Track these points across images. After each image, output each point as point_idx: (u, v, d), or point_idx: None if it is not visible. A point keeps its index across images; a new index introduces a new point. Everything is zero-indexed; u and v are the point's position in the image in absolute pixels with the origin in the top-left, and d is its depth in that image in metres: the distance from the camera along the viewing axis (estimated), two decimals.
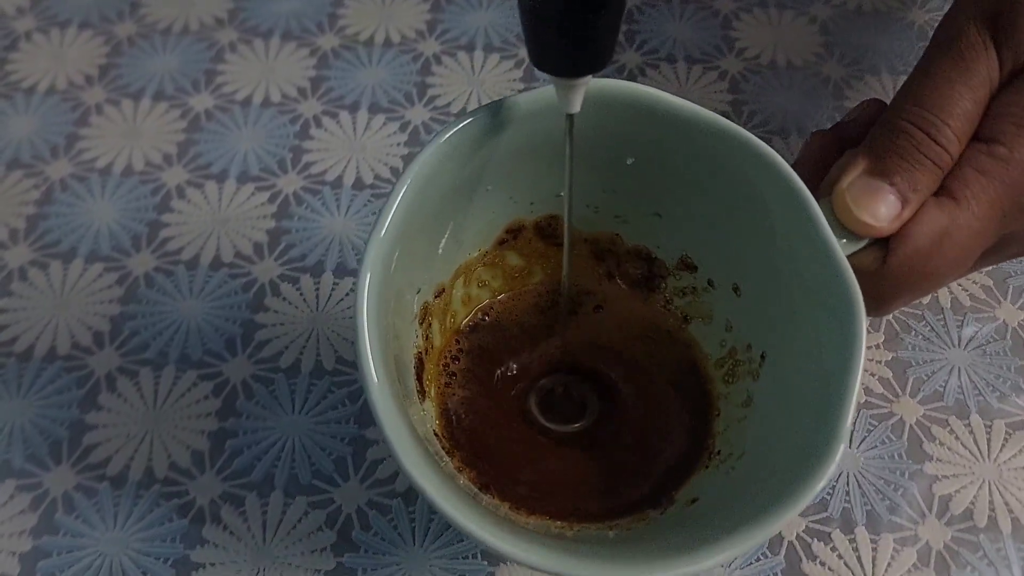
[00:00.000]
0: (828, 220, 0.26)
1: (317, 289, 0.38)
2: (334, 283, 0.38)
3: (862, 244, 0.28)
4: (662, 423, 0.32)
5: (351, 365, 0.36)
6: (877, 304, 0.28)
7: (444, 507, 0.22)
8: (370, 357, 0.24)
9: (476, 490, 0.29)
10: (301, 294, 0.38)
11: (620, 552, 0.25)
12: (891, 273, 0.28)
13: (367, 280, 0.25)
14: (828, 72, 0.45)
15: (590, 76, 0.24)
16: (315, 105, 0.44)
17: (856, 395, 0.23)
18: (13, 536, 0.33)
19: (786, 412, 0.27)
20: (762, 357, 0.30)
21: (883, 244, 0.28)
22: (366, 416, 0.35)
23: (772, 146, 0.27)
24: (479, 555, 0.32)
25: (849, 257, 0.26)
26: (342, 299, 0.38)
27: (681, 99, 0.28)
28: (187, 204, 0.41)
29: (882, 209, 0.27)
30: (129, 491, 0.33)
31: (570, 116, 0.26)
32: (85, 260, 0.39)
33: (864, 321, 0.24)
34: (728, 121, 0.28)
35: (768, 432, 0.28)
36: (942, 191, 0.28)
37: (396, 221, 0.26)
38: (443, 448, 0.30)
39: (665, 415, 0.32)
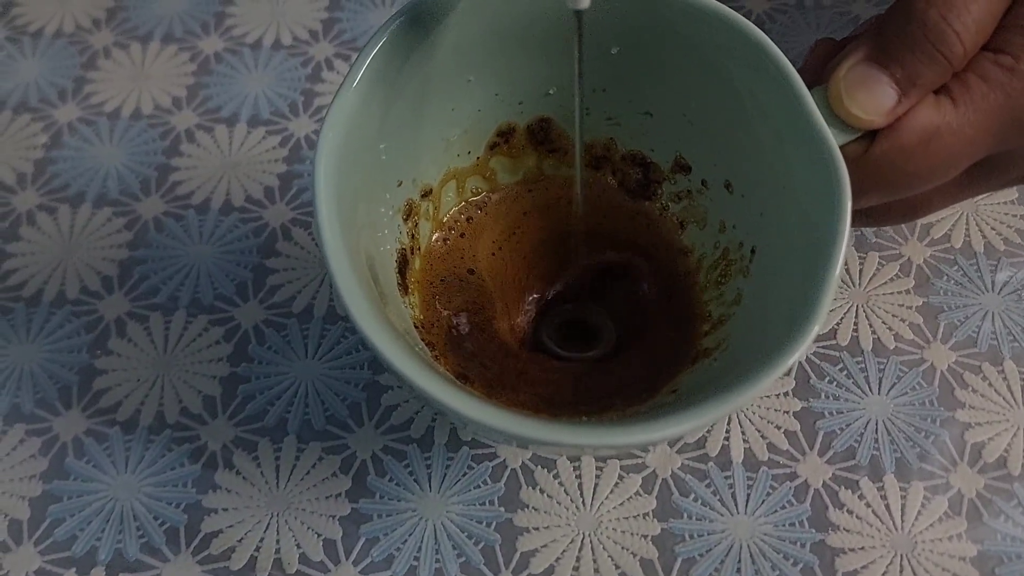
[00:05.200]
0: (821, 109, 0.25)
1: None
2: None
3: (856, 135, 0.26)
4: (654, 330, 0.31)
5: None
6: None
7: (393, 361, 0.22)
8: (323, 193, 0.24)
9: (452, 378, 0.28)
10: (313, 239, 0.37)
11: (585, 425, 0.24)
12: (870, 164, 0.26)
13: (329, 140, 0.25)
14: (857, 11, 0.44)
15: None
16: (327, 47, 0.43)
17: (836, 282, 0.23)
18: (23, 480, 0.32)
19: (771, 303, 0.27)
20: (752, 252, 0.29)
21: (874, 134, 0.26)
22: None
23: None
24: (496, 501, 0.31)
25: (840, 147, 0.25)
26: None
27: None
28: (197, 148, 0.40)
29: (875, 101, 0.26)
30: (140, 436, 0.33)
31: (578, 13, 0.24)
32: (93, 204, 0.38)
33: (849, 210, 0.24)
34: (713, 1, 0.27)
35: (753, 324, 0.27)
36: (940, 91, 0.26)
37: (365, 85, 0.26)
38: (423, 340, 0.29)
39: (658, 323, 0.31)
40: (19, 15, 0.45)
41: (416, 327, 0.29)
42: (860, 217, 0.30)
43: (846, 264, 0.36)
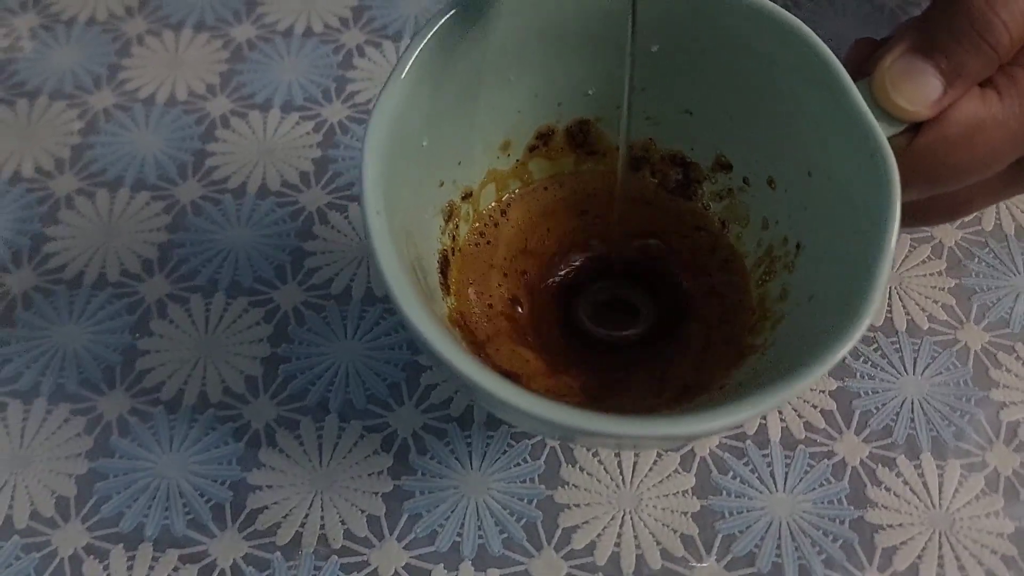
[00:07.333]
0: (867, 101, 0.25)
1: None
2: None
3: (901, 127, 0.26)
4: (699, 329, 0.31)
5: None
6: None
7: (430, 339, 0.22)
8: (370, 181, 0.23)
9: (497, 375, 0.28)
10: (350, 222, 0.38)
11: (631, 417, 0.24)
12: (913, 157, 0.26)
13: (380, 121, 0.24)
14: None
15: None
16: (357, 35, 0.43)
17: (888, 273, 0.23)
18: (69, 459, 0.32)
19: (818, 297, 0.26)
20: (798, 247, 0.29)
21: (917, 127, 0.26)
22: None
23: None
24: (536, 479, 0.32)
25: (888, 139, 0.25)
26: None
27: None
28: (232, 134, 0.40)
29: (920, 92, 0.25)
30: (184, 415, 0.33)
31: None
32: (131, 189, 0.39)
33: (899, 200, 0.24)
34: None
35: (800, 319, 0.27)
36: (986, 84, 0.26)
37: (409, 81, 0.25)
38: (463, 339, 0.29)
39: (703, 321, 0.31)
40: (52, 3, 0.45)
41: (456, 327, 0.30)
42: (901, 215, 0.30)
43: None
